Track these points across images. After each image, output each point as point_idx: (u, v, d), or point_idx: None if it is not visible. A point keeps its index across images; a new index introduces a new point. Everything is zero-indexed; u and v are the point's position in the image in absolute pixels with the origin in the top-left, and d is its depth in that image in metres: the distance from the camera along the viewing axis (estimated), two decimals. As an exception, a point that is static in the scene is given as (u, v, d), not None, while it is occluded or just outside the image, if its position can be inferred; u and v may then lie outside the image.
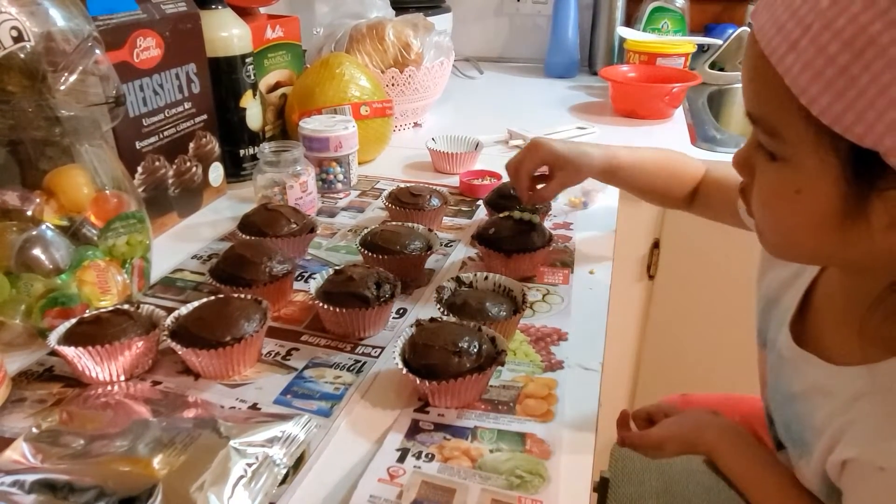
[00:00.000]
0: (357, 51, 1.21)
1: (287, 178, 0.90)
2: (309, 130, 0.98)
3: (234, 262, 0.70)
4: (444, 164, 1.08)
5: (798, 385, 0.53)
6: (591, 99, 1.55)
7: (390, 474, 0.50)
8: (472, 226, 0.90)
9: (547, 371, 0.61)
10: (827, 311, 0.53)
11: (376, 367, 0.62)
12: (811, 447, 0.50)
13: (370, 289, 0.65)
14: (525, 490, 0.48)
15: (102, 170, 0.68)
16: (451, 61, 1.32)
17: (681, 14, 1.63)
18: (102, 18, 0.74)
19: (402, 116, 1.28)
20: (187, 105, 0.89)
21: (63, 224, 0.64)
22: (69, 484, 0.44)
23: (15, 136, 0.62)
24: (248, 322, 0.60)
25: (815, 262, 0.53)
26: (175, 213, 0.91)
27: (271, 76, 1.13)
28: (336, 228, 0.91)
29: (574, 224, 0.91)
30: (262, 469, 0.47)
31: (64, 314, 0.63)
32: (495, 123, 1.28)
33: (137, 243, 0.71)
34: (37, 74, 0.60)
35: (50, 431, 0.50)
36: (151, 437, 0.48)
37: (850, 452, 0.45)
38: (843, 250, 0.43)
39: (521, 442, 0.53)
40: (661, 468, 0.82)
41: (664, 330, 1.28)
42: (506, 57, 1.92)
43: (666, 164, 0.81)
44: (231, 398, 0.58)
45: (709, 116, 1.42)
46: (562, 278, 0.77)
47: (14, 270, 0.61)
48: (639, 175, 0.79)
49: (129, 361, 0.59)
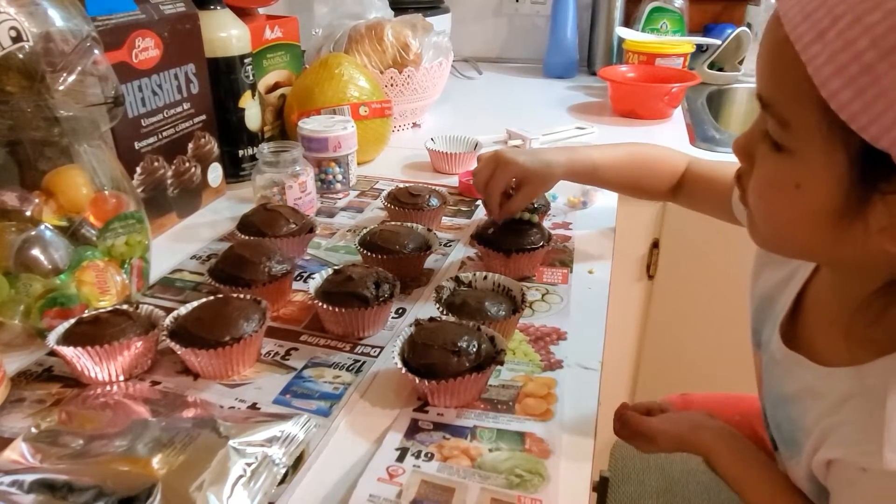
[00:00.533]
0: (356, 51, 1.21)
1: (286, 179, 0.90)
2: (308, 131, 0.98)
3: (233, 263, 0.70)
4: (443, 164, 1.08)
5: (789, 386, 0.53)
6: (590, 99, 1.55)
7: (390, 474, 0.50)
8: (472, 225, 0.90)
9: (546, 370, 0.61)
10: (818, 313, 0.53)
11: (375, 366, 0.62)
12: (801, 448, 0.50)
13: (369, 288, 0.65)
14: (524, 489, 0.48)
15: (101, 170, 0.68)
16: (449, 62, 1.32)
17: (679, 14, 1.64)
18: (101, 19, 0.74)
19: (401, 117, 1.28)
20: (186, 105, 0.89)
21: (62, 224, 0.64)
22: (68, 484, 0.44)
23: (14, 137, 0.61)
24: (248, 322, 0.60)
25: (804, 257, 0.53)
26: (174, 214, 0.91)
27: (270, 76, 1.13)
28: (335, 228, 0.91)
29: (573, 224, 0.91)
30: (262, 469, 0.47)
31: (63, 314, 0.63)
32: (494, 124, 1.28)
33: (136, 243, 0.71)
34: (35, 75, 0.60)
35: (49, 431, 0.50)
36: (150, 436, 0.48)
37: (834, 453, 0.45)
38: (834, 248, 0.43)
39: (520, 441, 0.53)
40: (661, 468, 0.82)
41: (664, 330, 1.28)
42: (504, 57, 1.92)
43: (643, 159, 0.81)
44: (230, 398, 0.58)
45: (708, 116, 1.42)
46: (561, 278, 0.77)
47: (13, 271, 0.61)
48: (612, 173, 0.80)
49: (128, 361, 0.59)
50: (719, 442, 0.60)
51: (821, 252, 0.46)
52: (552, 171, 0.76)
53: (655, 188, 0.81)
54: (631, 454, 0.85)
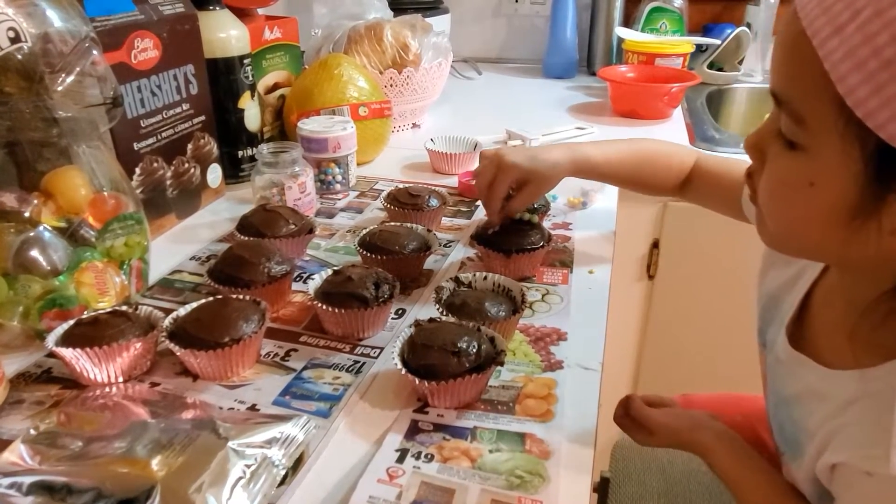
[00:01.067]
0: (355, 52, 1.21)
1: (285, 179, 0.89)
2: (307, 131, 0.98)
3: (232, 263, 0.69)
4: (443, 164, 1.08)
5: (793, 388, 0.52)
6: (589, 99, 1.55)
7: (389, 475, 0.49)
8: (471, 226, 0.90)
9: (546, 371, 0.61)
10: (824, 314, 0.53)
11: (375, 367, 0.62)
12: (804, 450, 0.50)
13: (369, 289, 0.65)
14: (525, 490, 0.48)
15: (100, 171, 0.68)
16: (449, 62, 1.32)
17: (679, 14, 1.64)
18: (100, 19, 0.74)
19: (401, 117, 1.28)
20: (185, 106, 0.89)
21: (61, 225, 0.64)
22: (67, 485, 0.43)
23: (12, 138, 0.61)
24: (247, 323, 0.60)
25: (814, 257, 0.52)
26: (173, 215, 0.91)
27: (269, 77, 1.12)
28: (335, 229, 0.90)
29: (573, 224, 0.91)
30: (261, 470, 0.47)
31: (62, 316, 0.63)
32: (494, 124, 1.28)
33: (135, 244, 0.70)
34: (34, 75, 0.60)
35: (48, 433, 0.50)
36: (150, 438, 0.48)
37: (839, 457, 0.45)
38: (845, 249, 0.43)
39: (520, 442, 0.53)
40: (662, 468, 0.82)
41: (664, 330, 1.28)
42: (504, 58, 1.92)
43: (649, 155, 0.80)
44: (230, 399, 0.58)
45: (707, 116, 1.42)
46: (561, 278, 0.77)
47: (12, 272, 0.61)
48: (617, 169, 0.79)
49: (127, 363, 0.59)
50: (718, 443, 0.60)
51: (831, 252, 0.46)
52: (555, 170, 0.76)
53: (662, 184, 0.80)
54: (632, 455, 0.85)
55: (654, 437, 0.64)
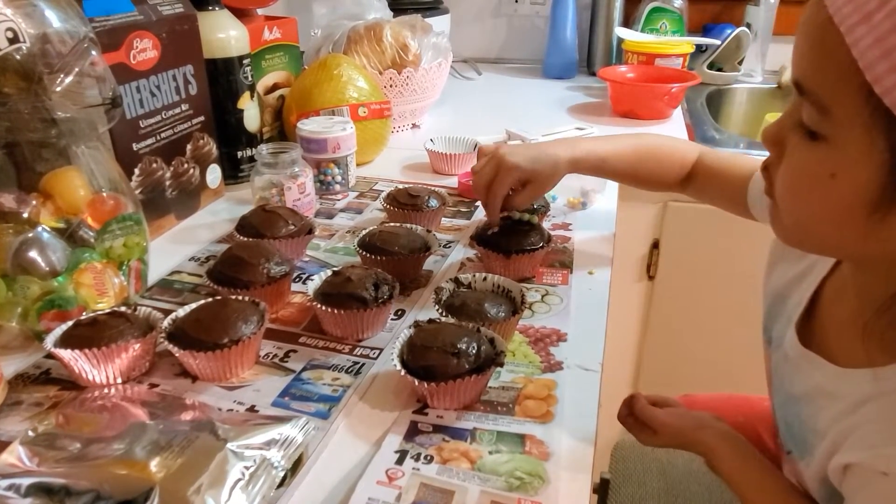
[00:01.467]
0: (355, 52, 1.21)
1: (285, 180, 0.89)
2: (307, 132, 0.98)
3: (231, 264, 0.69)
4: (443, 165, 1.08)
5: (801, 386, 0.52)
6: (589, 99, 1.55)
7: (389, 476, 0.49)
8: (471, 226, 0.90)
9: (546, 372, 0.61)
10: (835, 311, 0.52)
11: (375, 368, 0.62)
12: (812, 449, 0.49)
13: (368, 290, 0.65)
14: (524, 492, 0.48)
15: (99, 172, 0.67)
16: (448, 62, 1.32)
17: (679, 14, 1.63)
18: (99, 20, 0.74)
19: (401, 118, 1.28)
20: (184, 107, 0.89)
21: (59, 226, 0.64)
22: (65, 487, 0.43)
23: (11, 138, 0.61)
24: (246, 324, 0.60)
25: (829, 252, 0.51)
26: (172, 215, 0.90)
27: (269, 77, 1.12)
28: (334, 230, 0.90)
29: (573, 224, 0.91)
30: (260, 472, 0.47)
31: (60, 317, 0.62)
32: (493, 124, 1.28)
33: (134, 245, 0.70)
34: (33, 76, 0.60)
35: (46, 435, 0.49)
36: (148, 439, 0.48)
37: (852, 457, 0.44)
38: (863, 244, 0.41)
39: (520, 443, 0.52)
40: (662, 469, 0.82)
41: (664, 330, 1.28)
42: (504, 58, 1.92)
43: (650, 150, 0.79)
44: (229, 400, 0.58)
45: (707, 116, 1.42)
46: (561, 279, 0.77)
47: (10, 273, 0.61)
48: (618, 165, 0.78)
49: (126, 364, 0.59)
50: (722, 443, 0.60)
51: (848, 247, 0.44)
52: (556, 168, 0.75)
53: (665, 178, 0.79)
54: (632, 456, 0.85)
55: (657, 437, 0.63)
